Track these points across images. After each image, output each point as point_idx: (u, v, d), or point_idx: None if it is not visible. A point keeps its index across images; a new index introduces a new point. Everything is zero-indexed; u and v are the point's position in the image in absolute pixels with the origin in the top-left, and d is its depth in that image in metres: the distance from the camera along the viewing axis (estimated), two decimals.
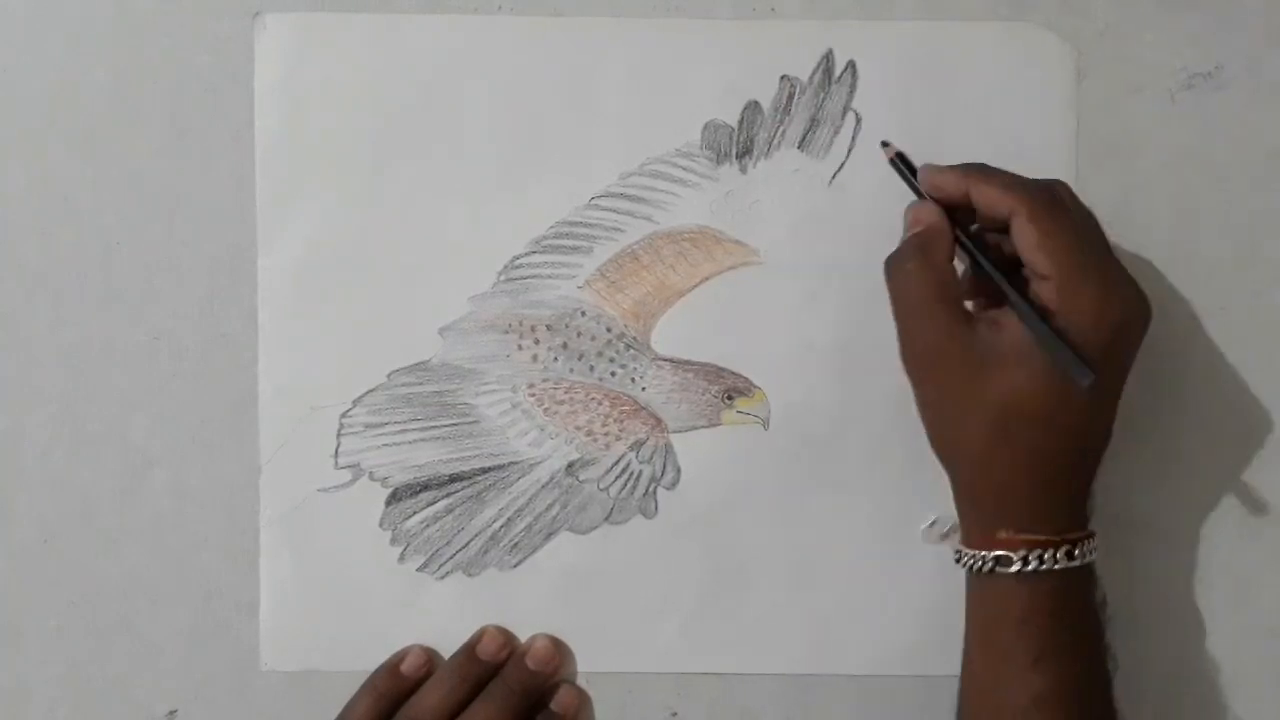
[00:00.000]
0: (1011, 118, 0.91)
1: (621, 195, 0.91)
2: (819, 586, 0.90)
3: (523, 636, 0.91)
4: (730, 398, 0.92)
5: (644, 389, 0.92)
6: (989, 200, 0.82)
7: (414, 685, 0.89)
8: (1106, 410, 0.84)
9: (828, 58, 0.91)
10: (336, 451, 0.92)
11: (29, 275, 0.92)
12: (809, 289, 0.91)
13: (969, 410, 0.82)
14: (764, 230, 0.91)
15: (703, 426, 0.92)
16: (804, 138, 0.91)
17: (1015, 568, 0.81)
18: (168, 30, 0.91)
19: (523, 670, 0.89)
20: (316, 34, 0.91)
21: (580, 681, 0.92)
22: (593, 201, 0.92)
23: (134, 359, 0.93)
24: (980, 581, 0.83)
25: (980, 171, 0.84)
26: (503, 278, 0.92)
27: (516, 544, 0.92)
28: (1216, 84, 0.91)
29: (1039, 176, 0.88)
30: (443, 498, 0.92)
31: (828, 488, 0.91)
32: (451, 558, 0.92)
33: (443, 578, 0.92)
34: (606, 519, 0.92)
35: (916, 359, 0.84)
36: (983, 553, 0.82)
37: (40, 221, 0.92)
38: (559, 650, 0.90)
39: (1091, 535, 0.83)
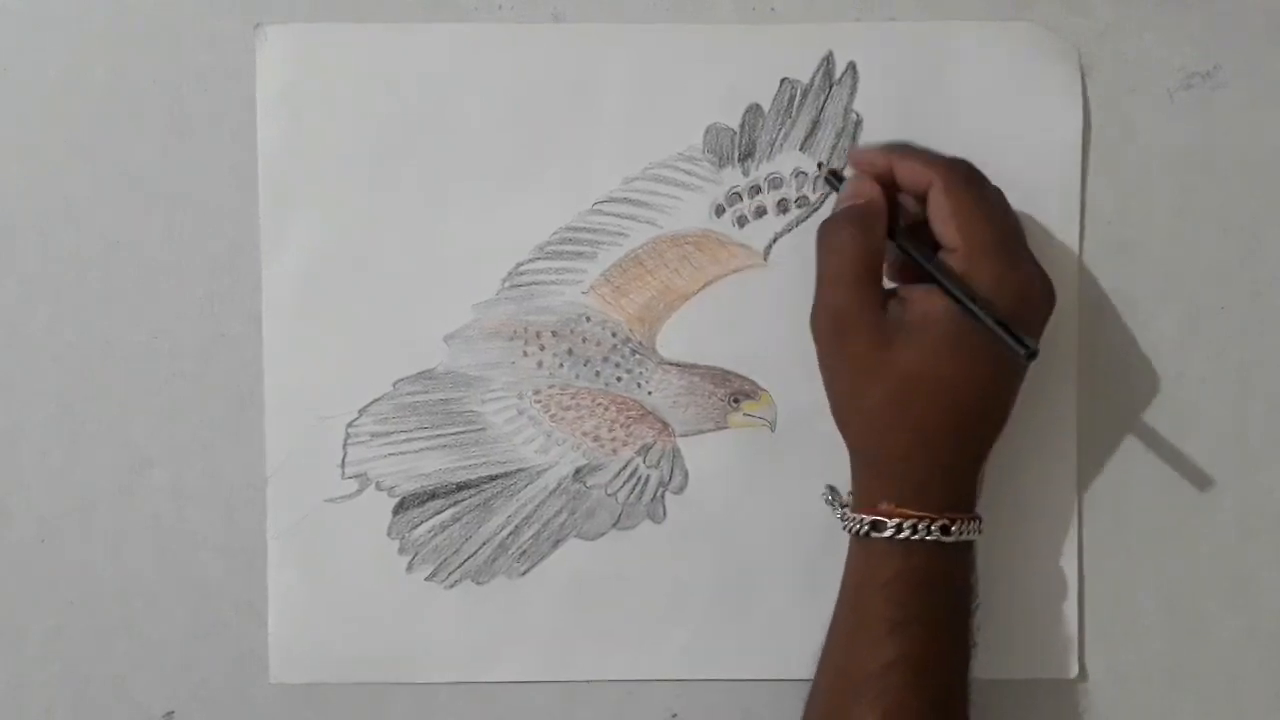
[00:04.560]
0: (1013, 117, 0.91)
1: (624, 200, 0.91)
2: (827, 589, 0.90)
3: (531, 643, 0.91)
4: (736, 401, 0.92)
5: (650, 393, 0.92)
6: (910, 173, 0.85)
7: None
8: (1004, 390, 0.86)
9: (828, 59, 0.91)
10: (343, 461, 0.92)
11: (29, 275, 0.92)
12: (813, 290, 0.91)
13: (871, 379, 0.84)
14: (767, 233, 0.91)
15: (709, 430, 0.92)
16: (806, 139, 0.91)
17: (888, 533, 0.83)
18: (169, 37, 0.91)
19: None
20: (317, 44, 0.91)
21: (584, 686, 0.93)
22: (596, 206, 0.91)
23: (134, 359, 0.92)
24: (857, 545, 0.86)
25: (902, 148, 0.88)
26: (507, 284, 0.92)
27: (525, 551, 0.92)
28: (1215, 83, 0.92)
29: (1042, 177, 0.89)
30: (450, 506, 0.92)
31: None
32: (460, 566, 0.92)
33: (451, 586, 0.92)
34: (614, 525, 0.92)
35: (831, 324, 0.85)
36: (862, 516, 0.84)
37: (40, 221, 0.92)
38: None
39: (974, 518, 0.85)
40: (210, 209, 0.92)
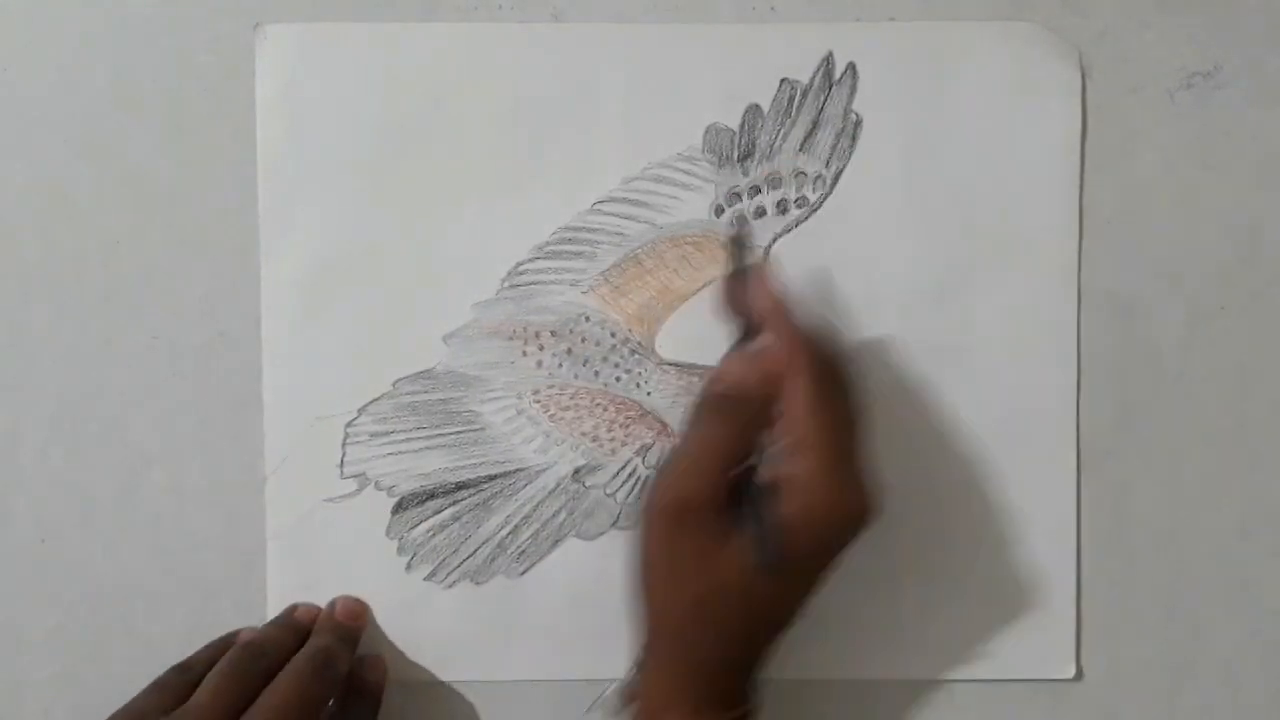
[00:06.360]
0: (1013, 117, 0.91)
1: (624, 200, 0.91)
2: (823, 588, 0.91)
3: (531, 644, 0.92)
4: None
5: (649, 393, 0.92)
6: (782, 337, 0.80)
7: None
8: (799, 597, 0.81)
9: (828, 60, 0.91)
10: (342, 461, 0.92)
11: (29, 275, 0.92)
12: (812, 292, 0.91)
13: (700, 574, 0.79)
14: (767, 233, 0.91)
15: None
16: (805, 140, 0.91)
17: None
18: (169, 37, 0.91)
19: (335, 622, 0.90)
20: (317, 43, 0.91)
21: (585, 687, 0.93)
22: (595, 206, 0.91)
23: (134, 359, 0.92)
24: None
25: (785, 310, 0.82)
26: (506, 284, 0.91)
27: (524, 551, 0.92)
28: (1216, 84, 0.92)
29: (1041, 177, 0.89)
30: (449, 506, 0.92)
31: None
32: (459, 566, 0.92)
33: (450, 586, 0.92)
34: (613, 525, 0.92)
35: (676, 509, 0.80)
36: None
37: (40, 221, 0.92)
38: (361, 605, 0.92)
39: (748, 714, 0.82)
40: (210, 209, 0.92)
